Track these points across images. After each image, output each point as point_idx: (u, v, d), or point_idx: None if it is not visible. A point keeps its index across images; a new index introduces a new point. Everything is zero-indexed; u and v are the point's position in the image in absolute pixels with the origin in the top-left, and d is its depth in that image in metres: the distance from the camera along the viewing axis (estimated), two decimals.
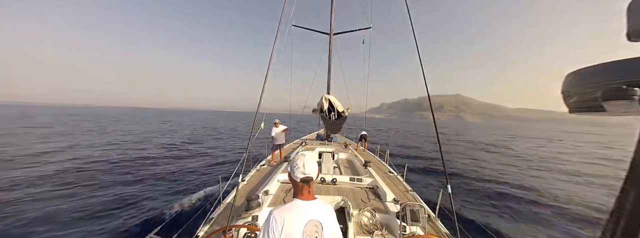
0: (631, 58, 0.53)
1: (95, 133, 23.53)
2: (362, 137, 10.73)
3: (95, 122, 40.35)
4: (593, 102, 0.61)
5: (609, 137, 68.12)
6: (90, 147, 15.80)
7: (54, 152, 13.50)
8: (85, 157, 12.61)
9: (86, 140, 18.54)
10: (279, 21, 3.75)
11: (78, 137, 20.48)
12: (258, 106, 3.29)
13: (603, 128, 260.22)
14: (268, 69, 3.27)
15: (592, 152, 28.00)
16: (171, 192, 8.28)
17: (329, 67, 11.90)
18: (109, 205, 6.93)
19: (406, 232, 3.12)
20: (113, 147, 16.30)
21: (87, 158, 12.32)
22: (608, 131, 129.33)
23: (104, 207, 6.78)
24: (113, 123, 39.36)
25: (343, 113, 10.15)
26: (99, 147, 15.68)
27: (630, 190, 0.58)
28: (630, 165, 0.59)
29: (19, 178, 8.52)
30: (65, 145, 15.75)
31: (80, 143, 16.87)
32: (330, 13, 11.95)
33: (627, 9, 0.60)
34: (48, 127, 28.79)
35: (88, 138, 19.93)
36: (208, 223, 3.42)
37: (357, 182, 5.34)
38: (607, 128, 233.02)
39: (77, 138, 19.81)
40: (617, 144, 39.32)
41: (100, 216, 6.27)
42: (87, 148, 15.33)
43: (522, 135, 59.05)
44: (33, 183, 8.22)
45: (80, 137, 20.14)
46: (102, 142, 17.78)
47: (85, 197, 7.41)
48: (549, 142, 39.72)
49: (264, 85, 3.19)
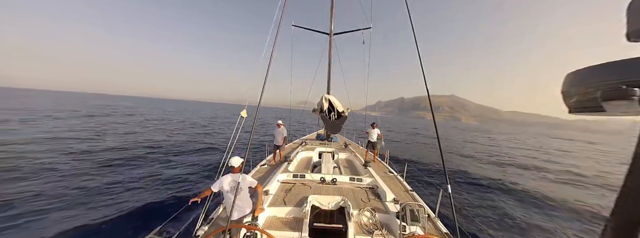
0: (631, 58, 0.53)
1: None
2: (370, 143, 8.69)
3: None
4: (593, 102, 0.61)
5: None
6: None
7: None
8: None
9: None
10: (279, 21, 3.74)
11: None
12: (258, 106, 3.28)
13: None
14: (268, 70, 3.27)
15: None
16: (170, 192, 8.28)
17: (329, 67, 11.90)
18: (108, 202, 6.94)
19: (406, 231, 3.12)
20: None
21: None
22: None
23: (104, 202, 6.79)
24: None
25: (343, 113, 10.15)
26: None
27: (630, 190, 0.58)
28: (630, 165, 0.59)
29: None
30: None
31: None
32: (330, 13, 11.94)
33: (627, 9, 0.60)
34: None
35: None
36: (208, 223, 3.42)
37: (357, 182, 5.34)
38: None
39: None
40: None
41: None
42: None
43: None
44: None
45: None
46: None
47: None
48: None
49: (263, 86, 3.19)
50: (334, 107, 9.98)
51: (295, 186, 5.06)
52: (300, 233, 3.22)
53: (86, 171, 9.49)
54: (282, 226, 3.58)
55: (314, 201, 4.04)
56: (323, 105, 9.86)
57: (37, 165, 9.50)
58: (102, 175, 9.29)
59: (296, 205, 4.09)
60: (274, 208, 4.01)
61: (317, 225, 3.75)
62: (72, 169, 9.51)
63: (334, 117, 10.10)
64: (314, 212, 3.94)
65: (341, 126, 10.35)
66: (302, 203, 4.06)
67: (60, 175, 8.74)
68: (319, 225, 3.76)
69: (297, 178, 5.44)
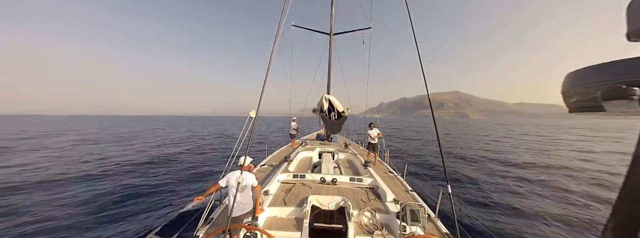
0: (631, 58, 0.53)
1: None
2: (371, 145, 8.37)
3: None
4: (593, 102, 0.61)
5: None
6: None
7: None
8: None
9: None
10: (279, 21, 3.73)
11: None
12: (258, 106, 3.29)
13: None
14: (268, 70, 3.26)
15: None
16: (171, 195, 8.28)
17: (329, 67, 11.90)
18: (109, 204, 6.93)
19: (406, 232, 3.12)
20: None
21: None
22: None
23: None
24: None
25: (343, 113, 10.16)
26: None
27: (630, 190, 0.58)
28: (631, 165, 0.59)
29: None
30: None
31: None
32: (330, 13, 11.94)
33: (627, 9, 0.60)
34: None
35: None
36: (208, 224, 3.42)
37: (357, 182, 5.34)
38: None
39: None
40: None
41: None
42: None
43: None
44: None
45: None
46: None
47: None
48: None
49: (263, 86, 3.19)
50: (334, 107, 9.99)
51: (296, 186, 5.06)
52: (300, 234, 3.22)
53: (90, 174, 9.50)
54: (282, 226, 3.58)
55: (314, 201, 4.04)
56: (323, 105, 9.87)
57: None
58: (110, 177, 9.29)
59: (296, 205, 4.08)
60: (274, 208, 4.01)
61: (317, 225, 3.74)
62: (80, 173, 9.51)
63: (334, 117, 10.11)
64: (314, 212, 3.94)
65: (341, 126, 10.36)
66: (302, 203, 4.06)
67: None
68: (319, 225, 3.76)
69: (297, 178, 5.43)
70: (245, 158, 3.54)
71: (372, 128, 8.48)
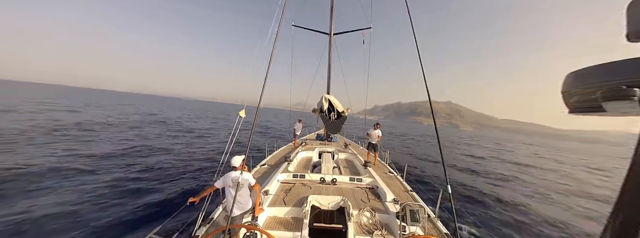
0: (631, 58, 0.53)
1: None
2: (371, 145, 8.23)
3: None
4: (593, 102, 0.61)
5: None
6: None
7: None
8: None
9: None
10: (279, 21, 3.73)
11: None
12: (258, 106, 3.28)
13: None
14: (268, 70, 3.26)
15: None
16: (170, 192, 8.27)
17: (329, 67, 11.90)
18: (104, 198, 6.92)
19: (406, 232, 3.12)
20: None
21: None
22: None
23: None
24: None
25: (343, 113, 10.16)
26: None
27: (630, 190, 0.58)
28: (630, 166, 0.59)
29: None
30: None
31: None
32: (330, 13, 11.95)
33: (627, 9, 0.60)
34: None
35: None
36: (207, 223, 3.42)
37: (357, 182, 5.34)
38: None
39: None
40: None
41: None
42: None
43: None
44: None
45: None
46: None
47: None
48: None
49: (263, 86, 3.18)
50: (334, 107, 9.99)
51: (295, 186, 5.05)
52: (300, 234, 3.22)
53: (83, 169, 9.47)
54: (282, 226, 3.58)
55: (313, 201, 4.04)
56: (323, 105, 9.87)
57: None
58: (100, 173, 9.27)
59: (296, 205, 4.08)
60: (274, 208, 4.00)
61: (317, 225, 3.74)
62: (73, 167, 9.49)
63: (334, 117, 10.11)
64: (313, 212, 3.94)
65: (341, 126, 10.36)
66: (302, 203, 4.06)
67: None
68: (318, 225, 3.75)
69: (297, 178, 5.43)
70: (238, 158, 3.53)
71: (376, 128, 8.40)
